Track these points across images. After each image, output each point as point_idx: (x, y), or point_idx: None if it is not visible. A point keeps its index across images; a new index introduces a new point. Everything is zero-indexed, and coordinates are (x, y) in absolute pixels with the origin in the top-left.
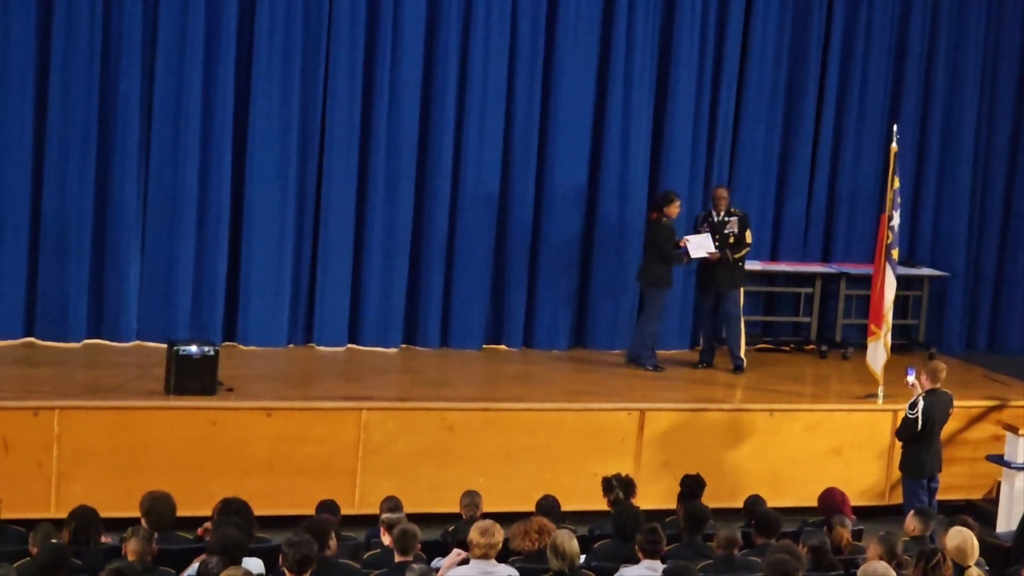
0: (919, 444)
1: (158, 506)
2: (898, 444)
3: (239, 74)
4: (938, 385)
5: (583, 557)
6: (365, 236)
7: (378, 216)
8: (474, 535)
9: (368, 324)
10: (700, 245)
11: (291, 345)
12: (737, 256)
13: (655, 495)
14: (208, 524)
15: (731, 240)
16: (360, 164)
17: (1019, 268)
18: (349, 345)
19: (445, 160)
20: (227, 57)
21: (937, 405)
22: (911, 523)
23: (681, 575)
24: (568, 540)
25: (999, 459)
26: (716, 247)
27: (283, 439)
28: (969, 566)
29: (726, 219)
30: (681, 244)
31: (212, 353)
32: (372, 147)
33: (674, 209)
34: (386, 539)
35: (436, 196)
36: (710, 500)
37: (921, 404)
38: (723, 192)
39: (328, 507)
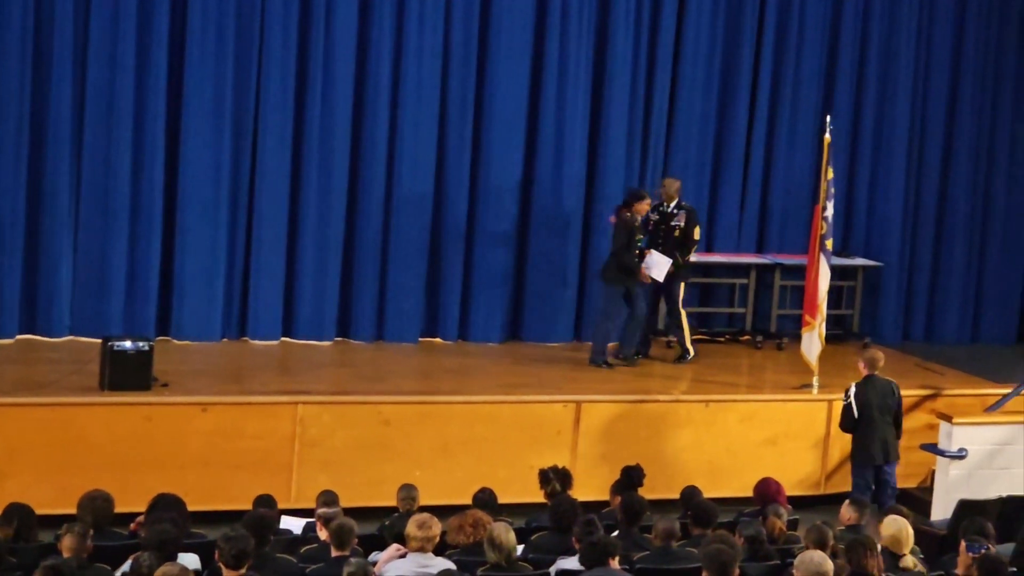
0: (861, 432)
1: (94, 503)
2: (834, 434)
3: (171, 70)
4: (875, 372)
5: (520, 549)
6: (298, 229)
7: (311, 210)
8: (411, 529)
9: (302, 317)
10: (659, 266)
11: (225, 339)
12: (686, 257)
13: (592, 487)
14: (141, 519)
15: (676, 233)
16: (293, 158)
17: (954, 258)
18: (283, 338)
19: (379, 153)
20: (159, 53)
21: (872, 392)
22: (846, 512)
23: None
24: (505, 533)
25: (933, 448)
26: (660, 246)
27: (219, 434)
28: (904, 554)
29: (675, 211)
30: (645, 254)
31: (147, 348)
32: (305, 141)
33: (644, 206)
34: (323, 533)
35: (370, 189)
36: (647, 491)
37: (853, 391)
38: (673, 183)
39: (265, 502)
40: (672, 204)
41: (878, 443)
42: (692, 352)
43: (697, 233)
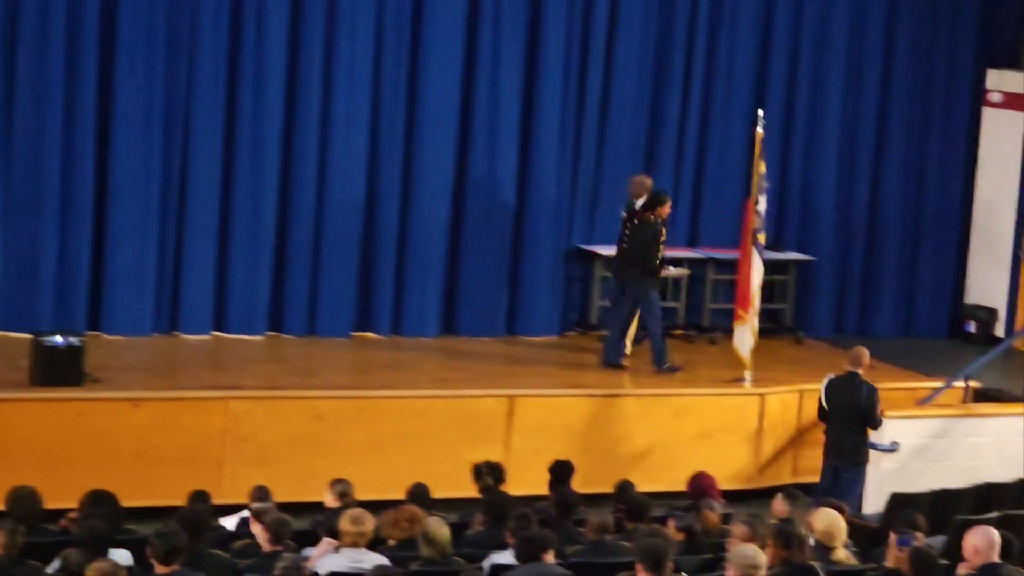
0: (828, 426)
1: (23, 500)
2: (767, 428)
3: (101, 64)
4: (858, 370)
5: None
6: (230, 223)
7: (243, 203)
8: (344, 524)
9: (234, 312)
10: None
11: (156, 334)
12: (652, 258)
13: (526, 481)
14: (72, 515)
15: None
16: (224, 152)
17: (886, 251)
18: (214, 333)
19: (311, 147)
20: (90, 43)
21: (841, 389)
22: (778, 505)
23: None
24: (439, 527)
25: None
26: (626, 243)
27: (151, 429)
28: (836, 547)
29: (644, 209)
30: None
31: (78, 343)
32: (236, 136)
33: (666, 209)
34: (256, 529)
35: (302, 184)
36: (580, 485)
37: (824, 383)
38: (644, 180)
39: (200, 498)
40: (640, 201)
41: (832, 443)
42: (627, 350)
43: (664, 234)
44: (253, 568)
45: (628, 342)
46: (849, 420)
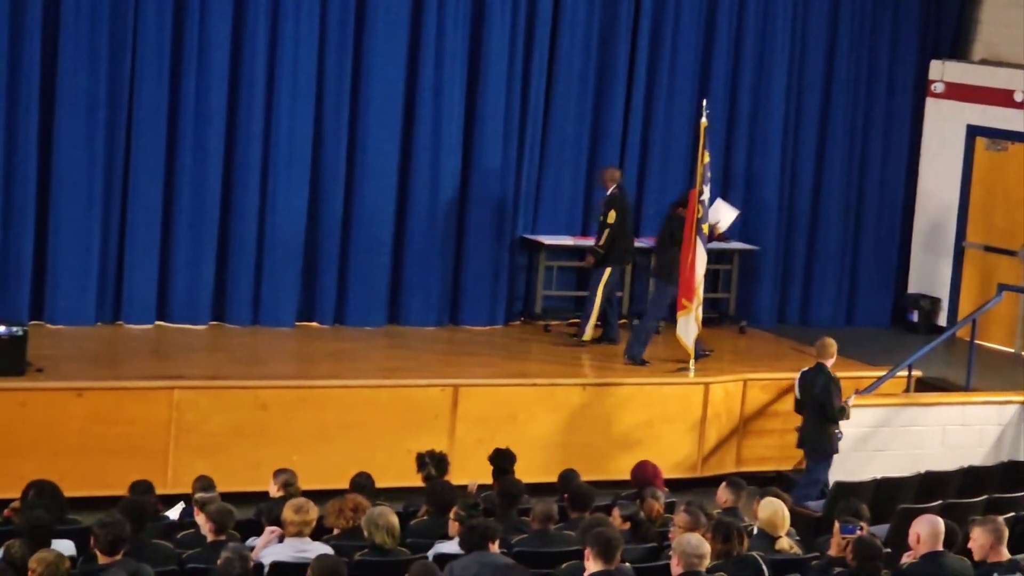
0: (803, 417)
1: None
2: (710, 417)
3: (44, 55)
4: (825, 361)
5: None
6: (173, 212)
7: (186, 192)
8: (287, 513)
9: (177, 301)
10: (725, 215)
11: (99, 324)
12: (599, 243)
13: (470, 471)
14: (14, 505)
15: (601, 218)
16: (168, 140)
17: (829, 241)
18: (158, 322)
19: (255, 136)
20: (33, 30)
21: (809, 381)
22: (722, 494)
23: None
24: (390, 515)
25: None
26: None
27: (94, 419)
28: (779, 536)
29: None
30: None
31: (20, 333)
32: (180, 124)
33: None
34: (200, 518)
35: (245, 173)
36: (524, 475)
37: (799, 374)
38: (608, 171)
39: (143, 488)
40: (609, 191)
41: (803, 433)
42: (587, 336)
43: (612, 217)
44: (196, 558)
45: (589, 328)
46: (813, 411)
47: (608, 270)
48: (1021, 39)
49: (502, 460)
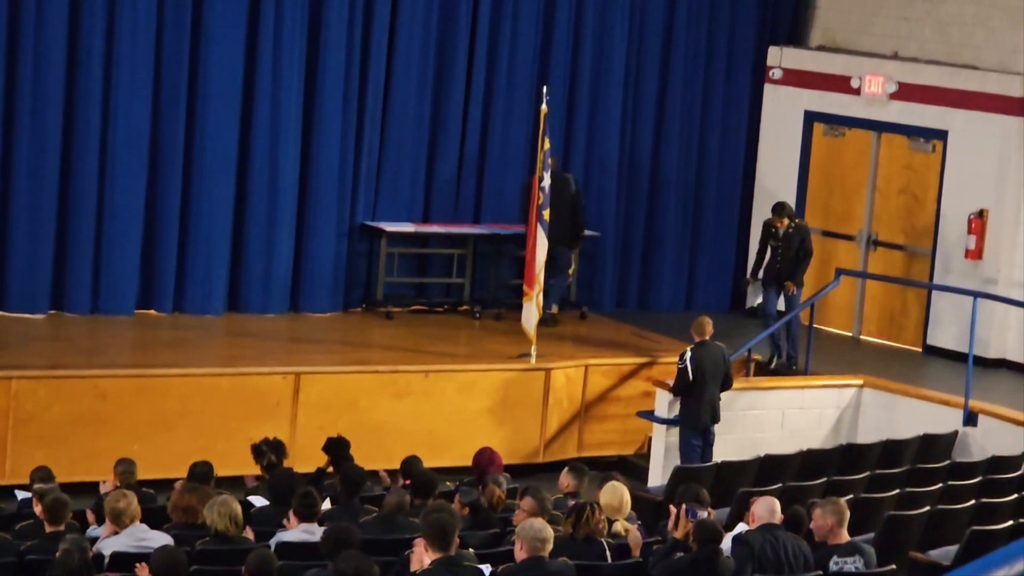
0: (694, 396)
1: None
2: (552, 403)
3: None
4: (706, 338)
5: None
6: (10, 200)
7: (23, 179)
8: (112, 505)
9: (14, 290)
10: None
11: None
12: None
13: (312, 458)
14: None
15: None
16: (3, 125)
17: (666, 228)
18: None
19: (92, 123)
20: None
21: (707, 356)
22: (564, 479)
23: (342, 537)
24: (233, 502)
25: (650, 415)
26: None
27: None
28: (617, 520)
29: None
30: None
31: None
32: (16, 109)
33: (777, 221)
34: (38, 509)
35: (83, 159)
36: (367, 462)
37: (688, 355)
38: None
39: None
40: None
41: (708, 407)
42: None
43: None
44: (35, 549)
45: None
46: (716, 384)
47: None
48: (858, 25)
49: (337, 448)
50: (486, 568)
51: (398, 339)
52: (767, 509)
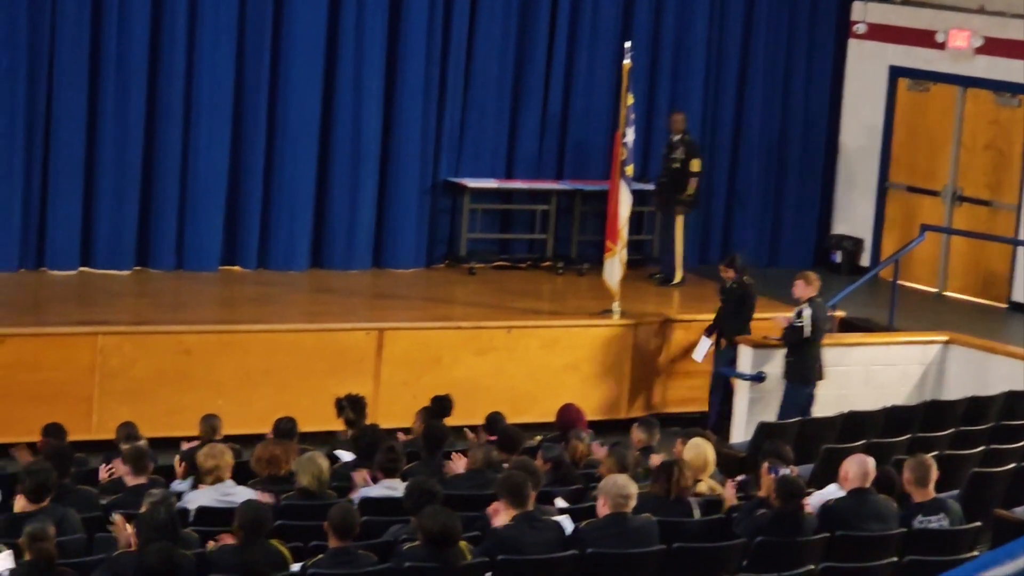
0: (805, 351)
1: None
2: (635, 359)
3: None
4: (816, 294)
5: None
6: (96, 156)
7: (108, 137)
8: (202, 460)
9: (100, 247)
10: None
11: (22, 269)
12: (688, 193)
13: (396, 414)
14: None
15: (676, 165)
16: (90, 85)
17: (750, 184)
18: (81, 268)
19: (177, 80)
20: None
21: (820, 313)
22: (636, 434)
23: (424, 493)
24: (320, 458)
25: (733, 371)
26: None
27: (16, 366)
28: (701, 479)
29: (677, 144)
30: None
31: None
32: (102, 67)
33: None
34: (117, 463)
35: (168, 116)
36: (449, 418)
37: (808, 311)
38: (677, 116)
39: (53, 431)
40: (676, 137)
41: (818, 363)
42: (678, 276)
43: (696, 165)
44: (119, 503)
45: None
46: (822, 341)
47: (681, 217)
48: None
49: (442, 406)
50: (567, 522)
51: (481, 295)
52: (860, 471)
